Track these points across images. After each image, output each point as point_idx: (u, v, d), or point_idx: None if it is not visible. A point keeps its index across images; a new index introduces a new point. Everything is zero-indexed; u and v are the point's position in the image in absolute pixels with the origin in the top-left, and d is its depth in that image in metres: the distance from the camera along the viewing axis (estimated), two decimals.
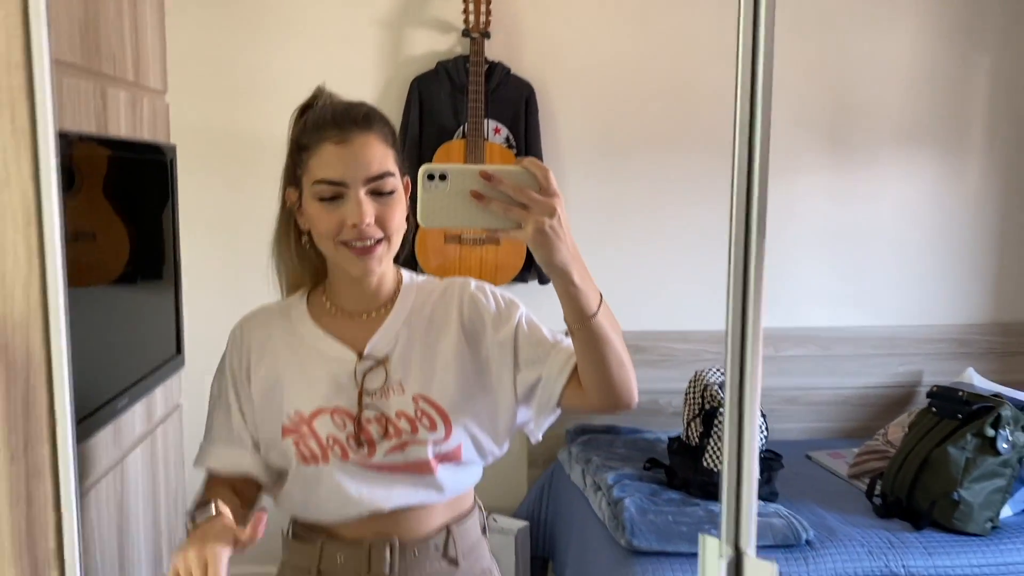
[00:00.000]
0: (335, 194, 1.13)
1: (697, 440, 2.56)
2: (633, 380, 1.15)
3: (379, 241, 1.15)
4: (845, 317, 3.20)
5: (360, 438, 1.17)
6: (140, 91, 1.60)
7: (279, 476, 1.26)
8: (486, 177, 1.02)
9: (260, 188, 2.91)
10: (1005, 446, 2.35)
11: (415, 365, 1.20)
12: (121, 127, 1.48)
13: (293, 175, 1.20)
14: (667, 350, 3.08)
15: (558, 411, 1.22)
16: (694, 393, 2.63)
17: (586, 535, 2.55)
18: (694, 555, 2.38)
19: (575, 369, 1.16)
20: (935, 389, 2.60)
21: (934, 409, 2.54)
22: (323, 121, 1.16)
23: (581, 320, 1.08)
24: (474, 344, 1.22)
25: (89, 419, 1.31)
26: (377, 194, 1.15)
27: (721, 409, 2.53)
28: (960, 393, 2.49)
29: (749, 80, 0.52)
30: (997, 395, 2.53)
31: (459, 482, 1.25)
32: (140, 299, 1.64)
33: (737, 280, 0.49)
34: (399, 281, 1.27)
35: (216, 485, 1.24)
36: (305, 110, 1.23)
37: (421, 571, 1.22)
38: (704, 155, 3.03)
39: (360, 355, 1.20)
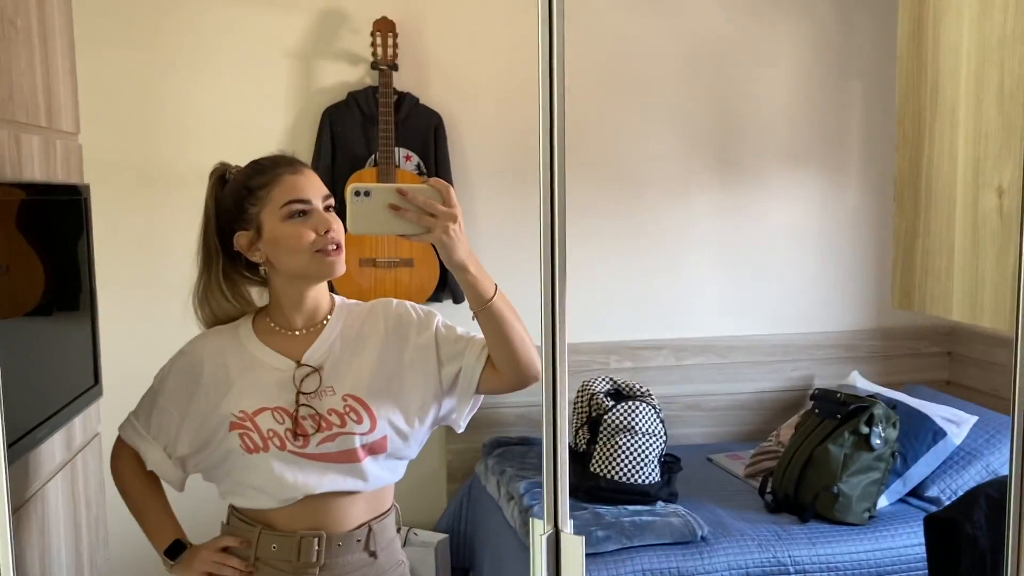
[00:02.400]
0: (304, 210, 1.38)
1: (584, 446, 2.73)
2: (535, 356, 1.39)
3: (339, 246, 1.41)
4: (741, 327, 3.41)
5: (296, 432, 1.38)
6: (53, 135, 1.68)
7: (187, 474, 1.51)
8: (401, 192, 1.30)
9: (176, 217, 2.98)
10: (878, 442, 2.57)
11: (345, 370, 1.42)
12: (35, 171, 1.56)
13: (241, 219, 1.41)
14: None
15: (479, 399, 1.47)
16: (581, 402, 2.81)
17: (500, 543, 2.68)
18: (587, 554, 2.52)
19: (489, 357, 1.41)
20: (816, 392, 2.83)
21: (816, 410, 2.76)
22: (270, 163, 1.42)
23: (481, 304, 1.35)
24: (398, 349, 1.45)
25: (10, 448, 1.38)
26: (328, 210, 1.41)
27: (605, 416, 2.71)
28: (838, 395, 2.72)
29: (548, 117, 0.67)
30: (873, 395, 2.76)
31: (382, 475, 1.44)
32: (57, 330, 1.71)
33: (547, 296, 0.64)
34: (332, 303, 1.50)
35: (147, 493, 1.52)
36: (222, 175, 1.47)
37: (345, 561, 1.41)
38: (595, 176, 3.22)
39: (298, 363, 1.42)
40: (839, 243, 3.48)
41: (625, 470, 2.64)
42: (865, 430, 2.58)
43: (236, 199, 1.42)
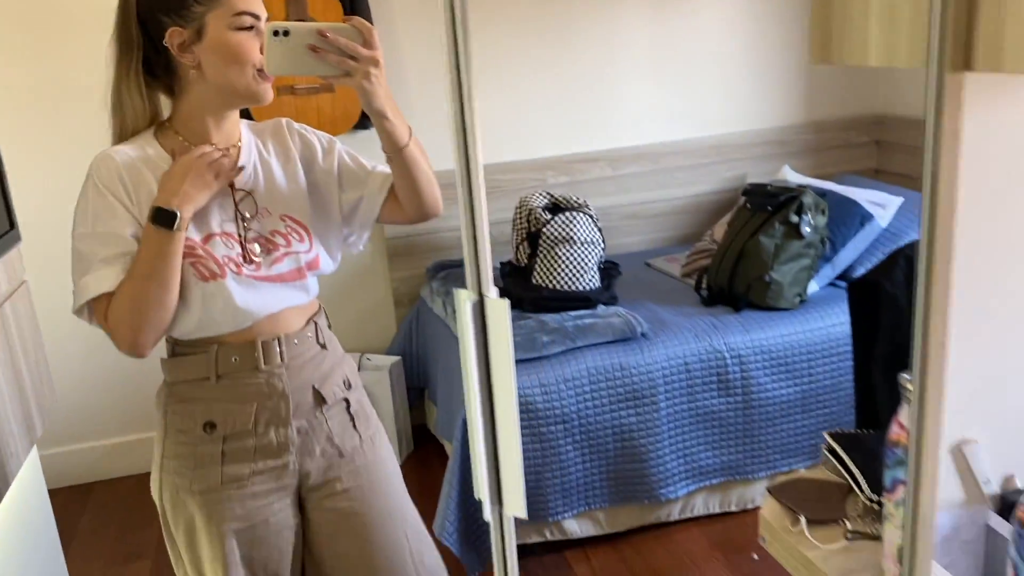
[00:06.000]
0: (255, 25, 1.31)
1: (526, 261, 2.76)
2: (438, 195, 1.47)
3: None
4: (675, 131, 3.41)
5: (247, 256, 1.37)
6: None
7: None
8: (322, 33, 1.26)
9: (89, 54, 2.80)
10: (808, 229, 2.65)
11: (273, 191, 1.42)
12: None
13: (180, 13, 1.29)
14: (493, 182, 3.23)
15: (373, 225, 1.51)
16: (520, 218, 2.81)
17: (451, 359, 2.75)
18: (531, 360, 2.58)
19: (392, 188, 1.46)
20: (748, 187, 2.87)
21: (748, 205, 2.81)
22: None
23: (396, 149, 1.37)
24: (308, 171, 1.46)
25: None
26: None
27: (544, 228, 2.74)
28: (768, 188, 2.76)
29: None
30: (802, 186, 2.81)
31: (314, 287, 1.49)
32: None
33: (457, 120, 0.61)
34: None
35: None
36: None
37: (303, 355, 1.45)
38: None
39: (232, 187, 1.38)
40: (767, 36, 3.43)
41: (566, 278, 2.69)
42: (795, 219, 2.64)
43: None
